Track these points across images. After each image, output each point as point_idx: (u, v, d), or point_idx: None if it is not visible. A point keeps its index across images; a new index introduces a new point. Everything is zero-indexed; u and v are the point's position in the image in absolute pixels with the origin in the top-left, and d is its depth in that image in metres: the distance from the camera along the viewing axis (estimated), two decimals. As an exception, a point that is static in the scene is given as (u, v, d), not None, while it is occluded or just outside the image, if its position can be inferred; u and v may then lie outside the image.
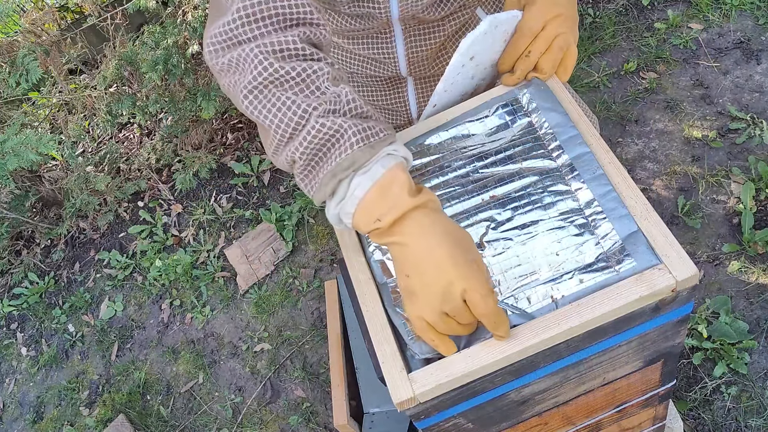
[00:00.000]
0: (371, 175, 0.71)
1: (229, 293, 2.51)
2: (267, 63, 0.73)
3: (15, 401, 2.62)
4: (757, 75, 2.26)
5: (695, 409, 1.74)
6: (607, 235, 0.79)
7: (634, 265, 0.76)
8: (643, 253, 0.76)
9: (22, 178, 2.77)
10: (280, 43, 0.74)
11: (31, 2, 2.93)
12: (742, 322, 1.79)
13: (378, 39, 1.05)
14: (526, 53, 0.88)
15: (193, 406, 2.32)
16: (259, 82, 0.73)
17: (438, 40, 1.06)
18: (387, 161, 0.72)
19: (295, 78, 0.73)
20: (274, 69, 0.72)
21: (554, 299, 0.77)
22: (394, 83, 1.18)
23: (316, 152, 0.73)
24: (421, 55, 1.08)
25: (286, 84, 0.73)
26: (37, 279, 2.87)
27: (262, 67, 0.73)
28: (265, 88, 0.73)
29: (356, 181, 0.72)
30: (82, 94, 2.80)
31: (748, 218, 1.92)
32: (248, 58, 0.73)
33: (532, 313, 0.77)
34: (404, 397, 0.76)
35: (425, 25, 1.04)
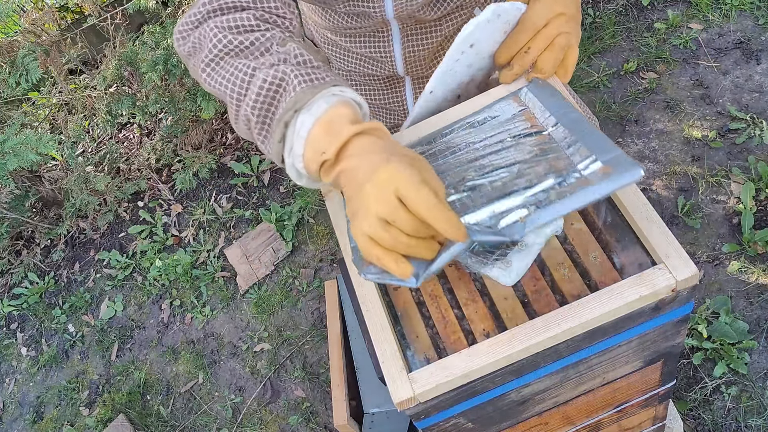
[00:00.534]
0: (314, 111, 0.70)
1: (229, 293, 2.51)
2: (221, 35, 0.77)
3: (15, 401, 2.62)
4: (757, 75, 2.26)
5: (695, 409, 1.74)
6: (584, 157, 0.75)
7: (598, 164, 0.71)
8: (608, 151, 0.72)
9: (22, 178, 2.77)
10: (236, 20, 0.78)
11: (31, 2, 2.93)
12: (742, 322, 1.79)
13: (375, 38, 1.06)
14: (525, 49, 0.85)
15: (193, 406, 2.32)
16: (215, 55, 0.77)
17: (435, 40, 1.06)
18: (330, 99, 0.71)
19: (248, 47, 0.77)
20: (228, 41, 0.77)
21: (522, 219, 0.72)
22: (392, 82, 1.18)
23: (268, 105, 0.73)
24: (418, 54, 1.08)
25: (240, 54, 0.77)
26: (37, 279, 2.87)
27: (216, 40, 0.77)
28: (221, 60, 0.77)
29: (300, 119, 0.70)
30: (82, 94, 2.80)
31: (748, 218, 1.92)
32: (207, 35, 0.78)
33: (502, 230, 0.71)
34: (404, 397, 0.76)
35: (422, 25, 1.04)
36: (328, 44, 1.16)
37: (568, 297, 0.79)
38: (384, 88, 1.20)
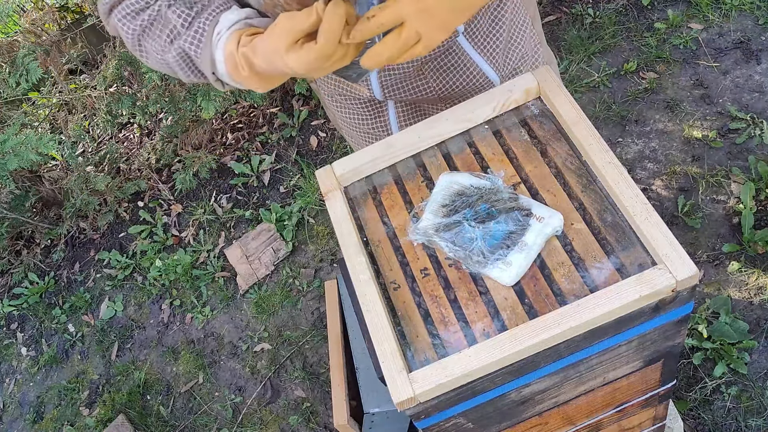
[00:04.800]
0: (219, 66, 0.84)
1: (229, 293, 2.51)
2: (125, 27, 0.89)
3: (15, 401, 2.62)
4: (757, 75, 2.26)
5: (695, 409, 1.74)
6: None
7: None
8: None
9: (22, 178, 2.77)
10: (126, 7, 0.89)
11: (31, 2, 2.93)
12: (742, 322, 1.79)
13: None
14: (368, 15, 0.76)
15: (193, 406, 2.32)
16: (133, 44, 0.90)
17: (413, 63, 1.03)
18: (220, 45, 0.83)
19: (148, 26, 0.88)
20: (132, 29, 0.89)
21: None
22: (375, 107, 1.16)
23: (195, 73, 0.89)
24: (395, 77, 1.05)
25: (146, 34, 0.89)
26: (37, 279, 2.87)
27: (124, 32, 0.90)
28: (141, 44, 0.90)
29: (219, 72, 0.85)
30: (82, 94, 2.80)
31: (748, 218, 1.92)
32: (120, 29, 0.91)
33: None
34: (404, 397, 0.76)
35: None
36: None
37: (568, 297, 0.79)
38: (368, 114, 1.17)
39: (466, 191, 0.89)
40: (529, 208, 0.85)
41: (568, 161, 0.90)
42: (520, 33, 1.12)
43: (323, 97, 1.26)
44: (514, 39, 1.12)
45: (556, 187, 0.88)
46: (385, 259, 0.90)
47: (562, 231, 0.84)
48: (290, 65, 0.76)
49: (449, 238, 0.85)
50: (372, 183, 0.99)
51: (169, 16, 0.86)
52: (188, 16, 0.86)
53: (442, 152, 0.98)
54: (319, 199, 2.56)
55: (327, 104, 1.27)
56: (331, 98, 1.20)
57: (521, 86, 0.97)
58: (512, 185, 0.90)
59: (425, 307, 0.84)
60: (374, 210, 0.96)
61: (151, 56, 0.90)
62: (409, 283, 0.87)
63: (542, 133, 0.94)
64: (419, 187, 0.96)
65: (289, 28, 0.76)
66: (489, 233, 0.84)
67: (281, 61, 0.77)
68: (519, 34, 1.12)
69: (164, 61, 0.89)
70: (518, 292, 0.81)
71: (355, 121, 1.20)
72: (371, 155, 0.99)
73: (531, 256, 0.82)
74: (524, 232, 0.83)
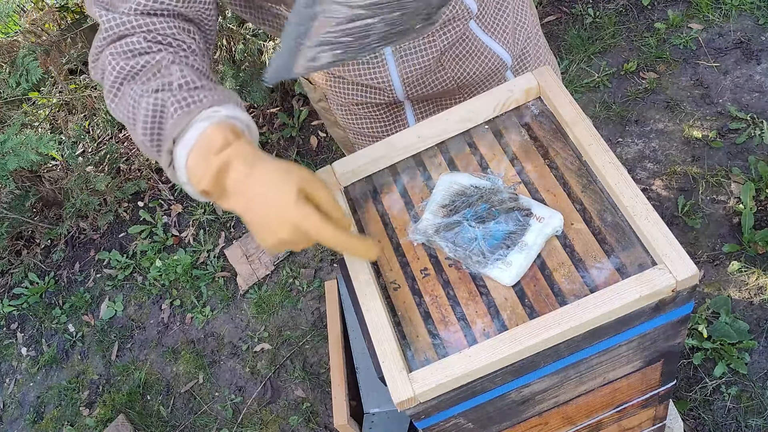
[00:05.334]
0: (185, 142, 0.71)
1: (229, 293, 2.51)
2: (115, 63, 0.78)
3: (15, 401, 2.62)
4: (757, 75, 2.26)
5: (695, 409, 1.74)
6: None
7: None
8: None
9: (22, 178, 2.77)
10: (128, 44, 0.78)
11: (31, 2, 2.93)
12: (742, 322, 1.79)
13: (370, 64, 1.04)
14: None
15: (193, 406, 2.32)
16: (113, 83, 0.78)
17: (431, 56, 1.04)
18: (201, 125, 0.71)
19: (140, 71, 0.77)
20: (121, 67, 0.77)
21: None
22: (393, 111, 1.16)
23: (156, 130, 0.74)
24: (416, 73, 1.06)
25: (135, 78, 0.77)
26: (37, 279, 2.87)
27: (111, 68, 0.78)
28: (121, 86, 0.78)
29: (177, 150, 0.73)
30: (82, 94, 2.80)
31: (748, 218, 1.92)
32: (105, 65, 0.79)
33: None
34: (404, 397, 0.76)
35: (415, 42, 1.02)
36: (326, 78, 1.14)
37: (568, 297, 0.79)
38: (385, 118, 1.18)
39: (466, 191, 0.89)
40: (529, 208, 0.85)
41: (568, 161, 0.90)
42: (522, 13, 1.16)
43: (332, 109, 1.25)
44: (519, 19, 1.15)
45: (556, 187, 0.88)
46: (385, 259, 0.90)
47: (562, 231, 0.84)
48: (293, 215, 0.71)
49: (449, 238, 0.85)
50: (372, 183, 0.99)
51: (172, 70, 0.76)
52: (192, 82, 0.76)
53: (442, 152, 0.98)
54: (319, 199, 2.56)
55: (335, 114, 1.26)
56: (344, 108, 1.20)
57: (521, 86, 0.97)
58: (512, 185, 0.90)
59: (425, 307, 0.84)
60: (374, 210, 0.96)
61: (123, 100, 0.78)
62: (409, 283, 0.87)
63: (542, 133, 0.94)
64: (419, 187, 0.96)
65: (309, 178, 0.72)
66: (489, 233, 0.84)
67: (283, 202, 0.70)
68: (522, 15, 1.16)
69: (132, 107, 0.76)
70: (518, 292, 0.81)
71: (371, 129, 1.21)
72: (371, 155, 0.99)
73: (531, 256, 0.82)
74: (524, 232, 0.83)
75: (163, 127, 0.73)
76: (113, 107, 0.79)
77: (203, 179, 0.71)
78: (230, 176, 0.71)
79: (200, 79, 0.76)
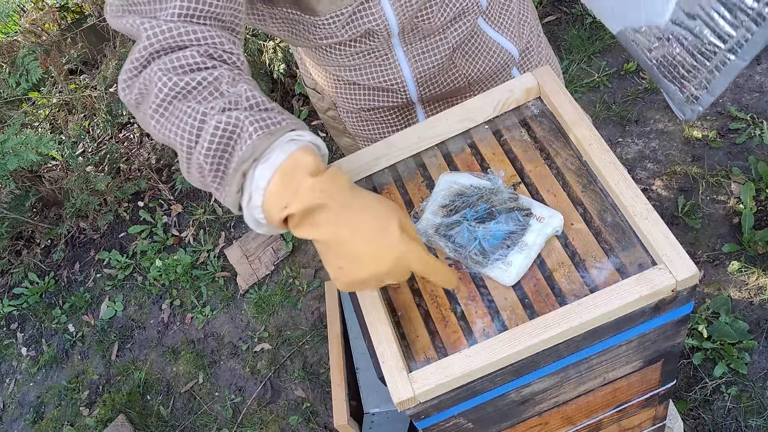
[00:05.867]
0: (272, 161, 0.67)
1: (229, 293, 2.51)
2: (166, 78, 0.70)
3: (15, 401, 2.62)
4: (757, 75, 2.26)
5: (695, 409, 1.74)
6: None
7: None
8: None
9: (22, 178, 2.77)
10: (179, 59, 0.71)
11: (31, 2, 2.93)
12: (742, 322, 1.79)
13: (382, 66, 1.04)
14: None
15: (193, 406, 2.32)
16: (162, 100, 0.71)
17: (443, 53, 1.04)
18: (288, 146, 0.68)
19: (196, 87, 0.71)
20: (174, 83, 0.70)
21: None
22: (404, 113, 1.17)
23: (221, 152, 0.69)
24: (429, 72, 1.06)
25: (188, 96, 0.71)
26: (37, 279, 2.87)
27: (161, 84, 0.70)
28: (170, 105, 0.71)
29: (258, 171, 0.67)
30: (82, 94, 2.80)
31: (748, 218, 1.92)
32: (152, 80, 0.71)
33: None
34: (404, 397, 0.76)
35: (427, 41, 1.02)
36: (336, 85, 1.13)
37: (568, 297, 0.79)
38: (396, 121, 1.18)
39: (466, 191, 0.89)
40: (529, 208, 0.85)
41: (568, 161, 0.90)
42: (524, 7, 1.17)
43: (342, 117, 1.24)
44: (523, 13, 1.16)
45: (556, 187, 0.88)
46: (385, 259, 0.90)
47: (562, 231, 0.84)
48: (399, 247, 0.68)
49: (449, 238, 0.85)
50: (372, 183, 0.99)
51: (239, 89, 0.70)
52: (262, 103, 0.71)
53: (442, 152, 0.98)
54: (319, 199, 2.56)
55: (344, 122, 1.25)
56: (354, 115, 1.19)
57: (521, 86, 0.97)
58: (512, 185, 0.90)
59: (425, 307, 0.84)
60: (374, 210, 0.96)
61: (172, 119, 0.71)
62: (409, 283, 0.87)
63: (542, 133, 0.94)
64: (419, 187, 0.96)
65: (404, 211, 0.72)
66: (489, 233, 0.84)
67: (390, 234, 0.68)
68: (524, 8, 1.17)
69: (189, 125, 0.69)
70: (518, 292, 0.81)
71: (382, 134, 1.21)
72: (371, 155, 0.99)
73: (531, 256, 0.82)
74: (524, 232, 0.83)
75: (235, 148, 0.68)
76: (157, 126, 0.72)
77: (294, 202, 0.66)
78: (326, 204, 0.66)
79: (269, 100, 0.72)
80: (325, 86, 1.17)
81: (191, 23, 0.73)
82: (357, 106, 1.15)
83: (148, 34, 0.72)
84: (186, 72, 0.71)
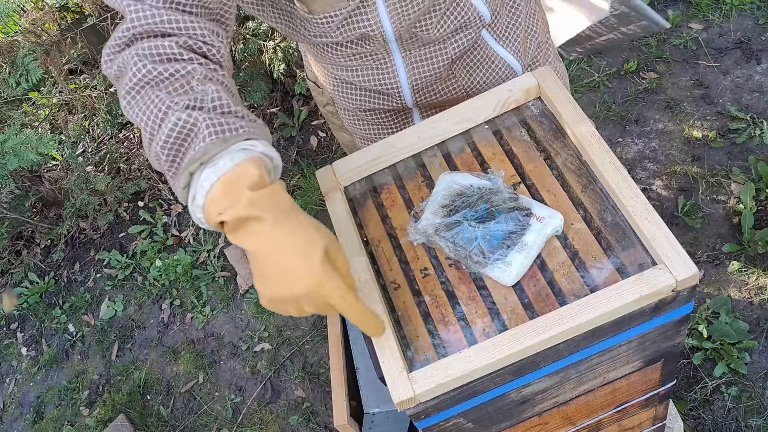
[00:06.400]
0: (217, 168, 0.69)
1: (229, 293, 2.51)
2: (141, 64, 0.73)
3: (15, 401, 2.62)
4: (757, 75, 2.26)
5: (695, 409, 1.74)
6: None
7: None
8: None
9: (22, 178, 2.77)
10: (157, 48, 0.74)
11: (31, 2, 2.93)
12: (742, 322, 1.79)
13: (379, 69, 1.03)
14: None
15: (193, 406, 2.32)
16: (135, 83, 0.74)
17: (442, 63, 1.03)
18: (237, 155, 0.70)
19: (168, 78, 0.73)
20: (147, 70, 0.73)
21: None
22: (401, 117, 1.16)
23: (177, 148, 0.72)
24: (425, 81, 1.05)
25: (159, 84, 0.73)
26: (37, 279, 2.87)
27: (136, 69, 0.73)
28: (141, 89, 0.74)
29: (204, 174, 0.70)
30: (82, 94, 2.80)
31: (748, 218, 1.92)
32: (128, 62, 0.74)
33: None
34: (404, 397, 0.76)
35: (426, 49, 1.01)
36: (334, 83, 1.13)
37: (568, 297, 0.79)
38: (393, 124, 1.17)
39: (466, 191, 0.89)
40: (529, 208, 0.85)
41: (568, 161, 0.90)
42: (533, 20, 1.15)
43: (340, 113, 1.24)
44: (531, 28, 1.14)
45: (556, 187, 0.88)
46: (385, 259, 0.90)
47: (562, 231, 0.84)
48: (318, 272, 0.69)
49: (449, 238, 0.85)
50: (372, 183, 0.99)
51: (207, 87, 0.73)
52: (226, 105, 0.73)
53: (442, 152, 0.98)
54: (320, 199, 2.56)
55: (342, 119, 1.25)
56: (351, 113, 1.19)
57: (521, 86, 0.97)
58: (512, 185, 0.90)
59: (425, 307, 0.84)
60: (374, 210, 0.96)
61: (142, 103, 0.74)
62: (409, 283, 0.87)
63: (542, 133, 0.94)
64: (419, 187, 0.96)
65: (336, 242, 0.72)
66: (489, 233, 0.84)
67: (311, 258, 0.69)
68: (533, 22, 1.15)
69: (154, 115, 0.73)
70: (518, 292, 0.81)
71: (379, 134, 1.20)
72: (371, 155, 0.99)
73: (531, 256, 0.82)
74: (524, 232, 0.83)
75: (189, 146, 0.71)
76: (127, 107, 0.76)
77: (229, 211, 0.68)
78: (261, 217, 0.69)
79: (235, 104, 0.74)
80: (324, 82, 1.16)
81: (176, 11, 0.75)
82: (353, 105, 1.15)
83: (132, 17, 0.75)
84: (162, 61, 0.74)
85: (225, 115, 0.72)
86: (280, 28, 0.99)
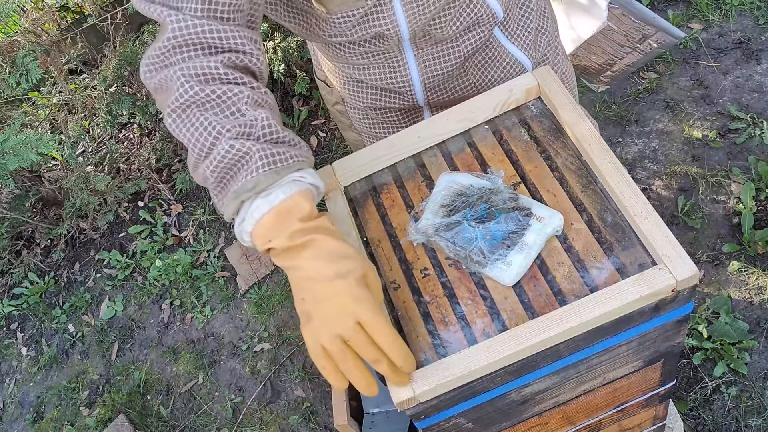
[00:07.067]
0: (270, 199, 0.73)
1: (229, 293, 2.51)
2: (188, 86, 0.75)
3: (15, 401, 2.62)
4: (757, 75, 2.26)
5: (695, 409, 1.74)
6: None
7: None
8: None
9: (22, 178, 2.77)
10: (203, 68, 0.76)
11: (31, 2, 2.93)
12: (742, 322, 1.79)
13: (391, 68, 1.04)
14: None
15: (193, 406, 2.32)
16: (181, 103, 0.76)
17: (454, 61, 1.03)
18: (289, 187, 0.74)
19: (215, 100, 0.76)
20: (195, 92, 0.75)
21: None
22: (411, 116, 1.16)
23: (226, 172, 0.75)
24: (437, 79, 1.06)
25: (206, 105, 0.76)
26: (37, 279, 2.87)
27: (183, 90, 0.75)
28: (188, 108, 0.76)
29: (256, 203, 0.74)
30: (82, 94, 2.80)
31: (748, 218, 1.92)
32: (173, 79, 0.76)
33: None
34: (404, 397, 0.76)
35: (438, 47, 1.01)
36: (345, 82, 1.13)
37: (568, 297, 0.79)
38: (403, 123, 1.18)
39: (466, 191, 0.89)
40: (529, 208, 0.85)
41: (568, 161, 0.90)
42: (544, 19, 1.15)
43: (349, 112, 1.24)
44: (541, 25, 1.14)
45: (556, 187, 0.88)
46: (385, 259, 0.90)
47: (562, 231, 0.84)
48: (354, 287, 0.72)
49: (449, 238, 0.85)
50: (372, 183, 0.99)
51: (257, 115, 0.75)
52: (276, 132, 0.76)
53: (442, 152, 0.98)
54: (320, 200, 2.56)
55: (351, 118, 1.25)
56: (361, 112, 1.19)
57: (521, 86, 0.97)
58: (512, 185, 0.90)
59: (425, 307, 0.84)
60: (374, 210, 0.96)
61: (189, 123, 0.76)
62: (409, 283, 0.87)
63: (542, 133, 0.94)
64: (419, 187, 0.96)
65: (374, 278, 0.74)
66: (489, 233, 0.84)
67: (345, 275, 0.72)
68: (543, 20, 1.15)
69: (203, 137, 0.75)
70: (518, 292, 0.81)
71: (388, 134, 1.20)
72: (371, 155, 0.99)
73: (531, 256, 0.82)
74: (524, 232, 0.83)
75: (239, 171, 0.74)
76: (172, 124, 0.78)
77: (278, 240, 0.73)
78: (306, 245, 0.73)
79: (282, 129, 0.77)
80: (335, 81, 1.17)
81: (215, 20, 0.77)
82: (364, 104, 1.15)
83: (173, 27, 0.76)
84: (208, 81, 0.76)
85: (277, 145, 0.75)
86: (292, 27, 0.99)
